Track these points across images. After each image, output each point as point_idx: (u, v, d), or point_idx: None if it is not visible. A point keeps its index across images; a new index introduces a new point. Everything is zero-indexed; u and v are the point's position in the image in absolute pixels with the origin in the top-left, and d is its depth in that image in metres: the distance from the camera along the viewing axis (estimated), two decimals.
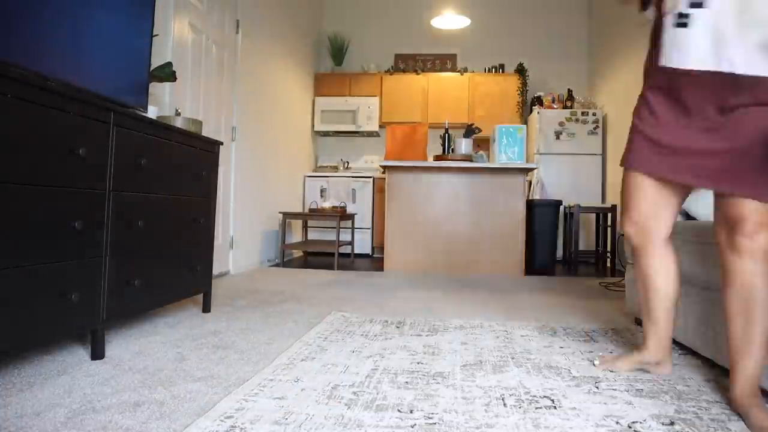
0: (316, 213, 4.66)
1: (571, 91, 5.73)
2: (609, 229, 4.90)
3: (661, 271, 1.54)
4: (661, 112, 1.45)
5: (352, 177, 5.73)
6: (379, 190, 5.68)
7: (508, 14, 6.34)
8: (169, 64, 2.45)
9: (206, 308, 2.45)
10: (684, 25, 1.34)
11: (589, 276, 4.23)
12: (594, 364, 1.70)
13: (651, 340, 1.61)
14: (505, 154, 4.22)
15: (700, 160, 1.37)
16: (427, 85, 6.03)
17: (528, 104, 6.04)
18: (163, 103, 2.93)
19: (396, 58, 6.37)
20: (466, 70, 6.09)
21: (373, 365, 1.66)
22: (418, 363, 1.69)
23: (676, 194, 1.50)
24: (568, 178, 5.42)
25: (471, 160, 4.29)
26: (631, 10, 1.79)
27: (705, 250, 1.65)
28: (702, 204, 2.18)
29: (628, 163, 1.52)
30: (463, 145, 4.38)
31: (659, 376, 1.59)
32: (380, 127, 6.14)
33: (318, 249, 4.57)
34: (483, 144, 5.70)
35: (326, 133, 6.38)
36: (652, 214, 1.51)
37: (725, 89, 1.30)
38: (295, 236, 5.46)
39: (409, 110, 6.05)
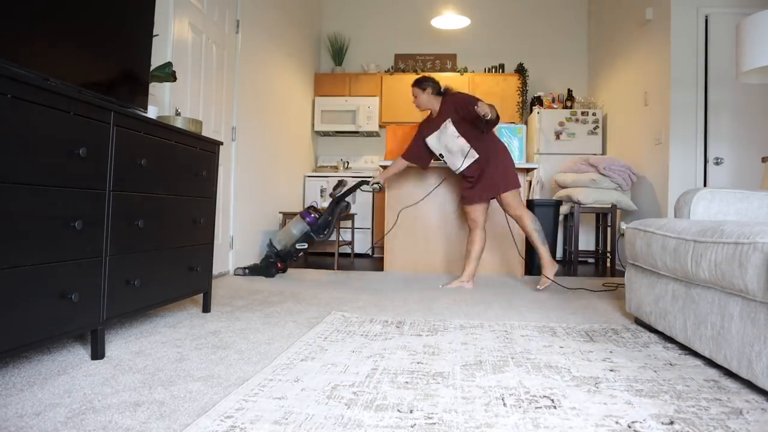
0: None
1: (571, 91, 5.73)
2: (609, 229, 4.90)
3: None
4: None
5: (352, 177, 5.73)
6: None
7: (508, 14, 6.34)
8: (169, 64, 2.45)
9: (206, 308, 2.46)
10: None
11: (589, 276, 4.23)
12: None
13: (468, 270, 3.47)
14: None
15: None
16: None
17: (528, 104, 6.04)
18: (163, 103, 2.93)
19: (396, 58, 6.37)
20: (466, 70, 6.09)
21: (373, 365, 1.66)
22: (418, 363, 1.69)
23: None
24: None
25: None
26: (630, 10, 1.81)
27: (708, 250, 1.65)
28: (702, 206, 2.18)
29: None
30: None
31: (659, 375, 1.59)
32: (380, 127, 6.14)
33: (318, 249, 4.57)
34: None
35: (326, 133, 6.39)
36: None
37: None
38: None
39: (409, 110, 6.02)
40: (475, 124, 3.38)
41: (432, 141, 3.53)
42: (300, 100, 5.64)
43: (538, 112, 5.50)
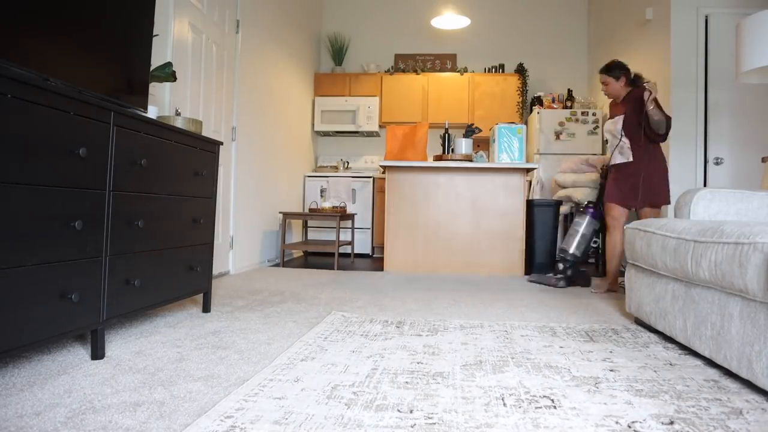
0: (316, 213, 4.66)
1: (571, 91, 5.73)
2: None
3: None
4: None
5: (352, 177, 5.73)
6: (379, 190, 5.68)
7: (508, 14, 6.34)
8: (169, 64, 2.45)
9: (206, 308, 2.46)
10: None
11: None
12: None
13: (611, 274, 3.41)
14: (505, 154, 4.22)
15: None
16: (427, 85, 6.03)
17: (528, 104, 6.04)
18: (163, 103, 2.93)
19: (396, 58, 6.37)
20: (466, 70, 6.09)
21: (373, 365, 1.66)
22: (418, 363, 1.69)
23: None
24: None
25: (471, 160, 4.29)
26: (630, 10, 1.82)
27: (708, 250, 1.65)
28: (702, 206, 2.18)
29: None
30: (463, 145, 4.38)
31: (659, 375, 1.59)
32: (380, 127, 6.14)
33: (318, 249, 4.57)
34: (483, 144, 5.71)
35: (326, 133, 6.38)
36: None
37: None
38: (295, 236, 5.47)
39: (409, 110, 6.05)
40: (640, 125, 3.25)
41: (607, 124, 3.50)
42: (300, 100, 5.64)
43: (538, 112, 5.50)
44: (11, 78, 1.28)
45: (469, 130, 4.46)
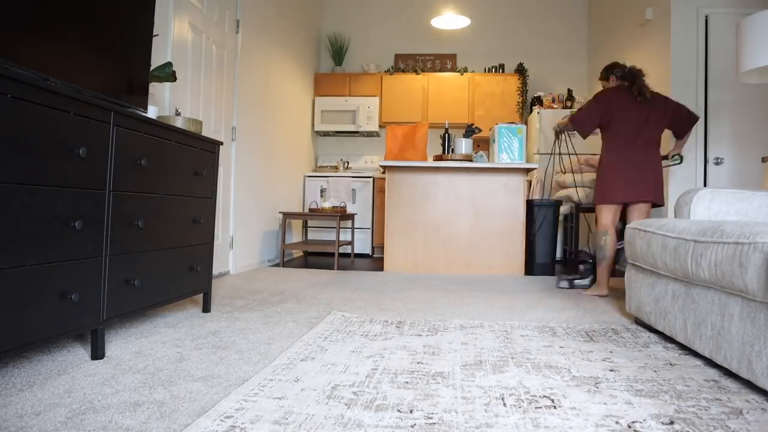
0: (316, 213, 4.66)
1: (571, 91, 5.73)
2: None
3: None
4: None
5: (352, 177, 5.73)
6: (379, 190, 5.68)
7: (508, 14, 6.34)
8: (169, 64, 2.45)
9: (206, 308, 2.46)
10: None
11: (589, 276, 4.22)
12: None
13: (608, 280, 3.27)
14: (505, 154, 4.22)
15: None
16: (427, 85, 6.03)
17: (528, 104, 6.04)
18: (163, 103, 2.93)
19: (396, 58, 6.37)
20: (466, 70, 6.09)
21: (373, 365, 1.66)
22: (418, 363, 1.69)
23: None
24: None
25: (471, 160, 4.29)
26: (630, 11, 1.82)
27: (708, 250, 1.65)
28: (702, 206, 2.18)
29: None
30: (463, 145, 4.38)
31: (659, 375, 1.59)
32: (380, 127, 6.14)
33: (318, 249, 4.57)
34: (483, 144, 5.71)
35: (326, 133, 6.38)
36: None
37: None
38: (295, 236, 5.47)
39: (409, 110, 6.05)
40: None
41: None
42: (300, 100, 5.64)
43: (538, 112, 5.50)
44: (11, 78, 1.28)
45: (469, 130, 4.46)
